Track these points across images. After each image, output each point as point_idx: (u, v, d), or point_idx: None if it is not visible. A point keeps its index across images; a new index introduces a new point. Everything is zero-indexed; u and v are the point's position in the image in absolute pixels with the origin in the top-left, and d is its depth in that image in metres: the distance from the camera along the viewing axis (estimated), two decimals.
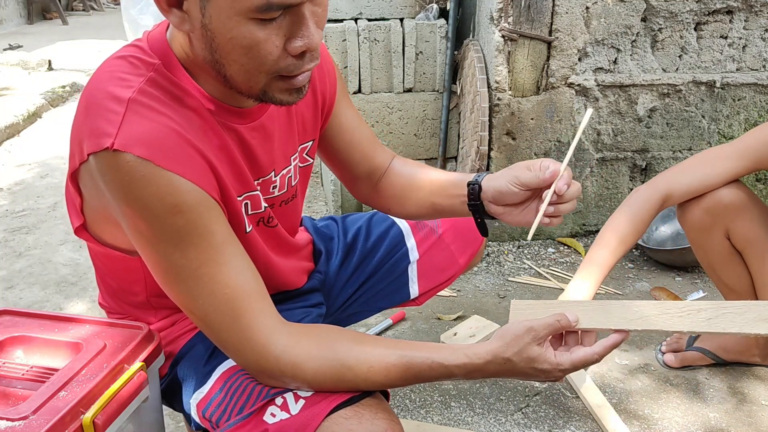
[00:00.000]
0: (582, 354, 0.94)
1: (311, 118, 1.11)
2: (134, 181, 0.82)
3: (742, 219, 1.44)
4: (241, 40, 0.80)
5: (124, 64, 0.89)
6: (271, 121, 1.00)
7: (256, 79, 0.85)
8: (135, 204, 0.84)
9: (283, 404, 0.92)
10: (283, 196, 1.09)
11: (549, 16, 2.17)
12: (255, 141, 0.98)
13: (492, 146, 2.30)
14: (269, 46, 0.81)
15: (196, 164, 0.87)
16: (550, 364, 0.92)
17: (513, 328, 0.93)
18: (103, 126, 0.83)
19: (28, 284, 2.30)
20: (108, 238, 0.99)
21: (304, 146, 1.11)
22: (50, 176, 3.32)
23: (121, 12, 4.38)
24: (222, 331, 0.90)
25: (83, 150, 0.85)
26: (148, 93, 0.86)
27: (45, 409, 0.87)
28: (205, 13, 0.79)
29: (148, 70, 0.88)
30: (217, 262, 0.88)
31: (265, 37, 0.80)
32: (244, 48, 0.81)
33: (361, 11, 2.48)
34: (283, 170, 1.06)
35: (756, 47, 2.30)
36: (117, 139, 0.82)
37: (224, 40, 0.81)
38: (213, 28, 0.80)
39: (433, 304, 2.07)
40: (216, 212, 0.89)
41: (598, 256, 1.39)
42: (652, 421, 1.58)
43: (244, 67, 0.83)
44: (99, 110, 0.85)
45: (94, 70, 0.92)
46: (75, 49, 6.29)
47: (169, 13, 0.82)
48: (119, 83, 0.86)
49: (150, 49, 0.90)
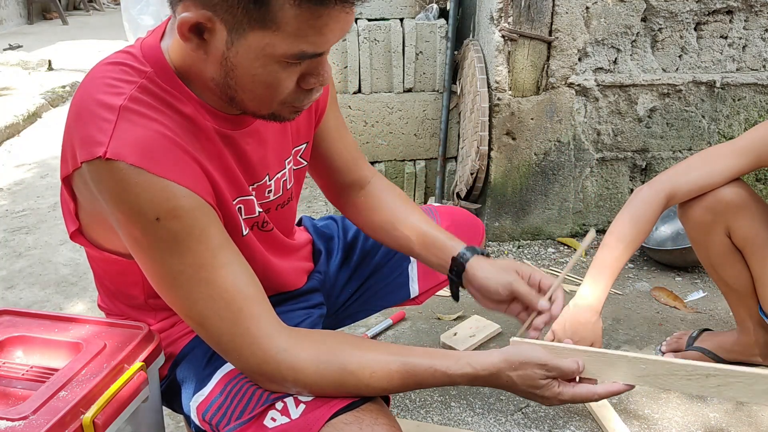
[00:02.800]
0: (585, 391, 0.96)
1: (305, 120, 1.11)
2: (128, 189, 0.82)
3: (743, 217, 1.44)
4: (265, 77, 0.83)
5: (115, 69, 0.89)
6: (264, 125, 1.00)
7: (268, 107, 0.88)
8: (129, 211, 0.84)
9: (284, 409, 0.91)
10: (278, 200, 1.09)
11: (549, 16, 2.17)
12: (249, 147, 0.98)
13: (492, 146, 2.30)
14: (288, 84, 0.85)
15: (189, 169, 0.87)
16: (551, 393, 0.95)
17: (525, 355, 0.94)
18: (94, 134, 0.83)
19: (28, 284, 2.30)
20: (104, 242, 0.98)
21: (298, 149, 1.12)
22: (50, 176, 3.32)
23: (121, 12, 4.38)
24: (221, 335, 0.90)
25: (76, 157, 0.85)
26: (139, 100, 0.86)
27: (45, 409, 0.87)
28: (231, 48, 0.81)
29: (140, 77, 0.88)
30: (215, 266, 0.88)
31: (286, 76, 0.84)
32: (264, 84, 0.84)
33: (361, 11, 2.48)
34: (278, 174, 1.06)
35: (756, 47, 2.30)
36: (109, 147, 0.82)
37: (246, 74, 0.83)
38: (236, 62, 0.82)
39: (433, 304, 2.07)
40: (212, 216, 0.89)
41: (606, 260, 1.39)
42: (652, 421, 1.58)
43: (258, 97, 0.86)
44: (90, 118, 0.85)
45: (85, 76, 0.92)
46: (75, 49, 6.29)
47: (187, 39, 0.82)
48: (110, 90, 0.86)
49: (143, 56, 0.90)
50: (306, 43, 0.79)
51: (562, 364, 0.94)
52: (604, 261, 1.39)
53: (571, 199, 2.43)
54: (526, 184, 2.39)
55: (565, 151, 2.35)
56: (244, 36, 0.79)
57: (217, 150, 0.93)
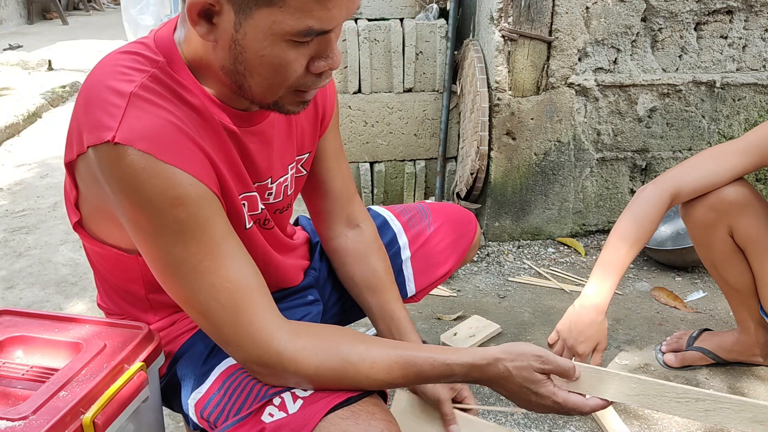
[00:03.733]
0: (578, 401, 0.98)
1: (310, 130, 1.11)
2: (135, 174, 0.82)
3: (745, 217, 1.44)
4: (273, 58, 0.83)
5: (127, 58, 0.89)
6: (270, 127, 1.01)
7: (274, 92, 0.88)
8: (135, 197, 0.84)
9: (281, 404, 0.92)
10: (278, 204, 1.09)
11: (549, 16, 2.17)
12: (254, 146, 0.98)
13: (492, 146, 2.30)
14: (297, 66, 0.84)
15: (196, 158, 0.87)
16: (547, 391, 0.96)
17: (522, 348, 0.96)
18: (103, 119, 0.83)
19: (28, 284, 2.30)
20: (104, 235, 0.98)
21: (301, 158, 1.12)
22: (50, 176, 3.32)
23: (121, 12, 4.38)
24: (223, 326, 0.90)
25: (83, 141, 0.85)
26: (149, 88, 0.86)
27: (45, 409, 0.87)
28: (239, 29, 0.81)
29: (152, 66, 0.88)
30: (218, 255, 0.88)
31: (295, 57, 0.83)
32: (273, 65, 0.84)
33: (361, 11, 2.48)
34: (280, 178, 1.07)
35: (756, 47, 2.30)
36: (118, 132, 0.81)
37: (254, 56, 0.83)
38: (245, 44, 0.82)
39: (433, 305, 2.07)
40: (216, 206, 0.89)
41: (611, 259, 1.39)
42: (652, 421, 1.58)
43: (268, 81, 0.86)
44: (100, 103, 0.85)
45: (96, 63, 0.92)
46: (75, 49, 6.29)
47: (197, 24, 0.83)
48: (121, 77, 0.86)
49: (156, 47, 0.91)
50: (312, 19, 0.79)
51: (558, 359, 0.97)
52: (609, 260, 1.39)
53: (571, 199, 2.43)
54: (526, 184, 2.39)
55: (565, 151, 2.35)
56: (251, 15, 0.79)
57: (223, 144, 0.93)
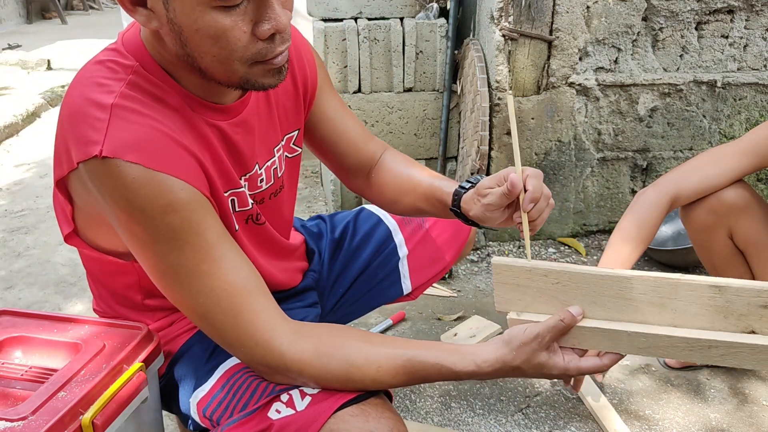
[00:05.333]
0: (591, 363, 0.95)
1: (293, 107, 1.10)
2: (125, 185, 0.83)
3: (745, 219, 1.44)
4: (207, 29, 0.80)
5: (103, 68, 0.89)
6: (252, 115, 1.00)
7: (232, 68, 0.85)
8: (128, 208, 0.84)
9: (289, 401, 0.91)
10: (270, 188, 1.09)
11: (549, 16, 2.16)
12: (238, 136, 0.98)
13: (492, 146, 2.30)
14: (237, 33, 0.81)
15: (185, 162, 0.87)
16: (558, 369, 0.93)
17: (520, 336, 0.93)
18: (88, 134, 0.83)
19: (27, 284, 2.30)
20: (102, 242, 0.98)
21: (290, 136, 1.11)
22: (49, 176, 3.31)
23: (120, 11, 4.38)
24: (225, 329, 0.90)
25: (71, 158, 0.85)
26: (130, 96, 0.86)
27: (44, 409, 0.86)
28: (169, 7, 0.80)
29: (127, 73, 0.88)
30: (215, 258, 0.88)
31: (232, 24, 0.80)
32: (211, 38, 0.81)
33: (361, 10, 2.47)
34: (267, 162, 1.06)
35: (757, 47, 2.30)
36: (104, 146, 0.82)
37: (191, 32, 0.81)
38: (179, 21, 0.80)
39: (433, 305, 2.07)
40: (208, 209, 0.89)
41: (613, 261, 1.38)
42: (653, 421, 1.58)
43: (216, 57, 0.83)
44: (83, 117, 0.85)
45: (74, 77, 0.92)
46: (74, 48, 6.29)
47: (135, 13, 0.82)
48: (100, 89, 0.86)
49: (126, 51, 0.90)
50: None
51: (550, 322, 0.92)
52: (612, 262, 1.38)
53: (571, 198, 2.42)
54: None
55: (565, 150, 2.35)
56: None
57: (206, 140, 0.93)
